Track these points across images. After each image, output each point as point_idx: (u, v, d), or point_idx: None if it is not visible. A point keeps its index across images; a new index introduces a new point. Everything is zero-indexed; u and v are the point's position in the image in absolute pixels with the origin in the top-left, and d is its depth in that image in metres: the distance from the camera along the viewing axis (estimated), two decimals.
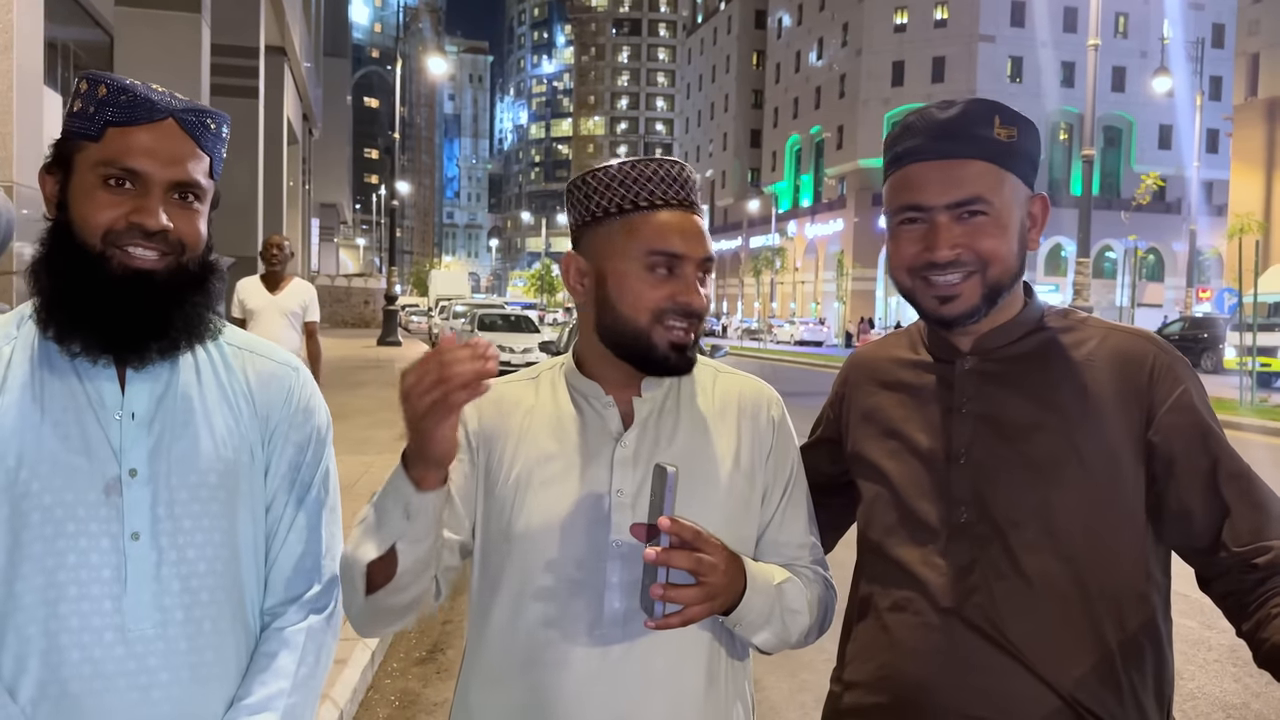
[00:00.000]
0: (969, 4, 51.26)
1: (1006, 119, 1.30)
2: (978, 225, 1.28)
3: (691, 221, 1.32)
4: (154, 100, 1.21)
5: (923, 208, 1.30)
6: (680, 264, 1.29)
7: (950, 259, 1.28)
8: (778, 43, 67.32)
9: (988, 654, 1.25)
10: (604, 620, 1.26)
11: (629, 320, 1.30)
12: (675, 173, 1.33)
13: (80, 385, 1.21)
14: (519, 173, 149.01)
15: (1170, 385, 1.27)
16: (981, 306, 1.30)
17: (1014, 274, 1.32)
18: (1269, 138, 34.87)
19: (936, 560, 1.29)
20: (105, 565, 1.18)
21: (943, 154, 1.29)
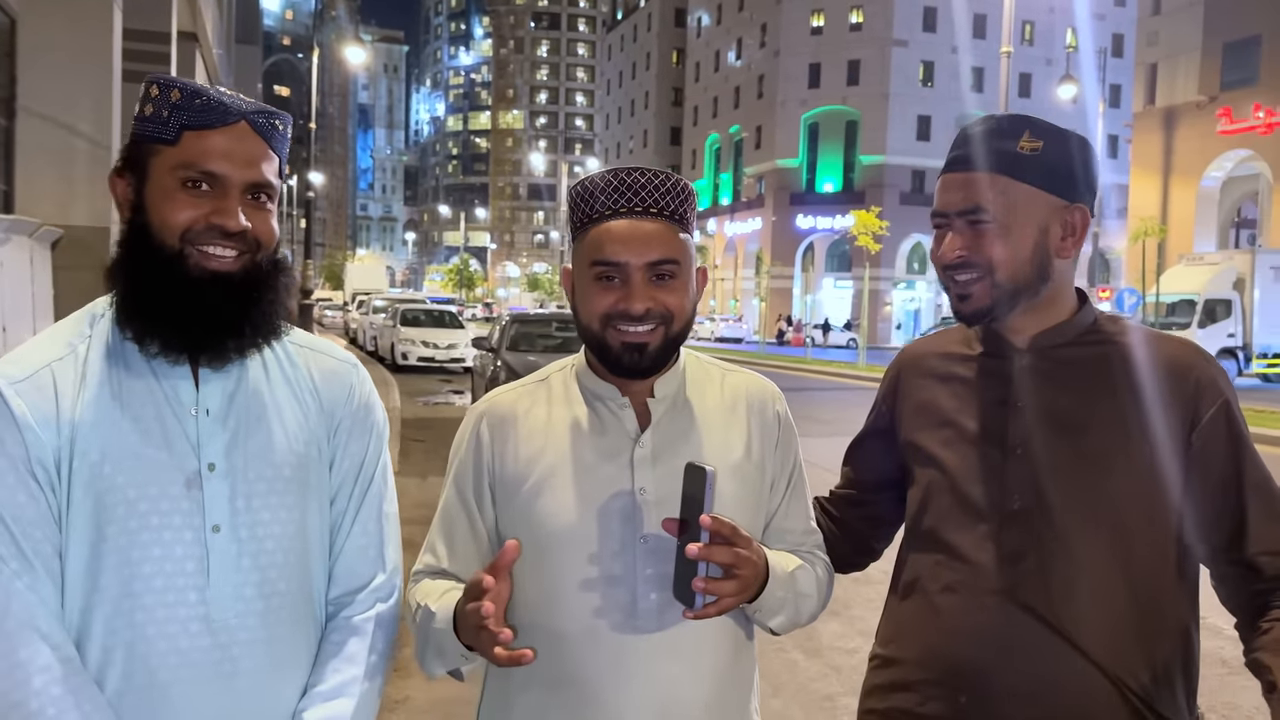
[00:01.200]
0: (883, 9, 52.36)
1: (1036, 132, 1.39)
2: (982, 232, 1.39)
3: (639, 228, 1.35)
4: (227, 104, 1.24)
5: (942, 214, 1.43)
6: (623, 270, 1.35)
7: (955, 261, 1.40)
8: (697, 42, 67.76)
9: (1039, 635, 1.33)
10: (639, 611, 1.34)
11: (587, 327, 1.39)
12: (630, 181, 1.38)
13: (156, 383, 1.24)
14: (436, 165, 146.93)
15: (1213, 396, 1.37)
16: (994, 308, 1.40)
17: (1030, 279, 1.39)
18: (1166, 144, 36.48)
19: (989, 545, 1.37)
20: (189, 557, 1.21)
21: (959, 166, 1.41)
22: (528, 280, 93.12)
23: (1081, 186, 1.41)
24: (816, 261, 55.23)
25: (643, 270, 1.34)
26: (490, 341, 12.49)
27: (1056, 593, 1.33)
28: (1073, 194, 1.40)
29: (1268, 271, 23.31)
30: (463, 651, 1.30)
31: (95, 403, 1.21)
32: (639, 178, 1.38)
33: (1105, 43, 51.98)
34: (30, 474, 1.17)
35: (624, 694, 1.33)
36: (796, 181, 54.66)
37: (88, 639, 1.19)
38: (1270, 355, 23.47)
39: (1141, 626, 1.33)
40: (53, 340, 1.26)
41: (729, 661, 1.41)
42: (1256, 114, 32.28)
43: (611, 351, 1.36)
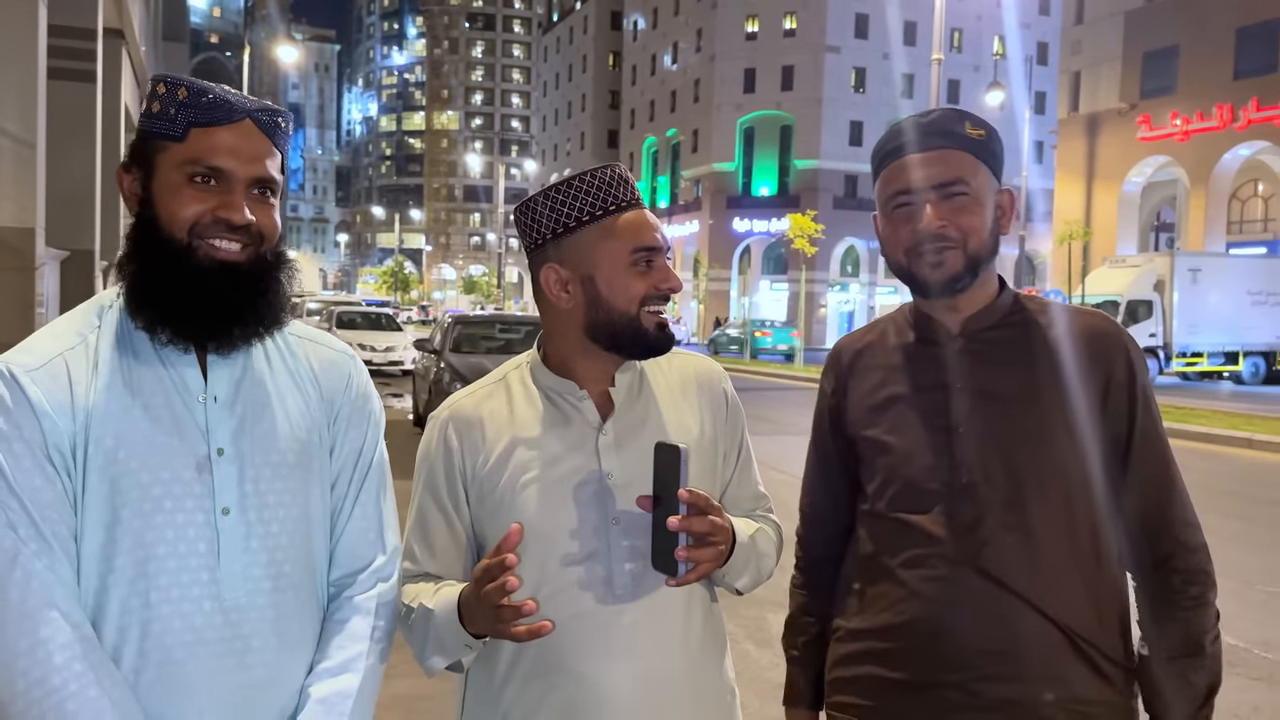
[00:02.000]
0: (816, 15, 53.06)
1: (974, 123, 1.53)
2: (959, 204, 1.49)
3: (652, 218, 1.51)
4: (233, 101, 1.28)
5: (912, 190, 1.51)
6: (656, 255, 1.47)
7: (938, 230, 1.49)
8: (634, 45, 67.92)
9: (998, 597, 1.44)
10: (615, 583, 1.43)
11: (622, 312, 1.45)
12: (628, 177, 1.51)
13: (165, 371, 1.28)
14: (369, 166, 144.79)
15: (1123, 359, 1.51)
16: (965, 275, 1.51)
17: (990, 250, 1.53)
18: (1089, 150, 37.61)
19: (944, 519, 1.48)
20: (200, 539, 1.25)
21: (927, 147, 1.51)
22: (464, 283, 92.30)
23: (1000, 171, 1.57)
24: (753, 264, 55.75)
25: (663, 255, 1.49)
26: (433, 343, 12.35)
27: (1009, 557, 1.44)
28: (1001, 178, 1.57)
29: (1186, 274, 24.14)
30: (468, 641, 1.36)
31: (107, 390, 1.24)
32: (625, 174, 1.51)
33: (1031, 51, 53.43)
34: (47, 459, 1.20)
35: (609, 667, 1.41)
36: (733, 185, 55.11)
37: (103, 619, 1.22)
38: (1189, 354, 24.32)
39: (1085, 580, 1.46)
40: (63, 331, 1.29)
41: (701, 623, 1.52)
42: (1174, 121, 33.50)
43: (647, 336, 1.47)
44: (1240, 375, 25.13)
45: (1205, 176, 32.96)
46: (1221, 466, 11.29)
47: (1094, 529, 1.47)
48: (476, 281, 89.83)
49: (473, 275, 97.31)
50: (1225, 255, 28.65)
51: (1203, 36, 32.75)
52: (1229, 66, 32.11)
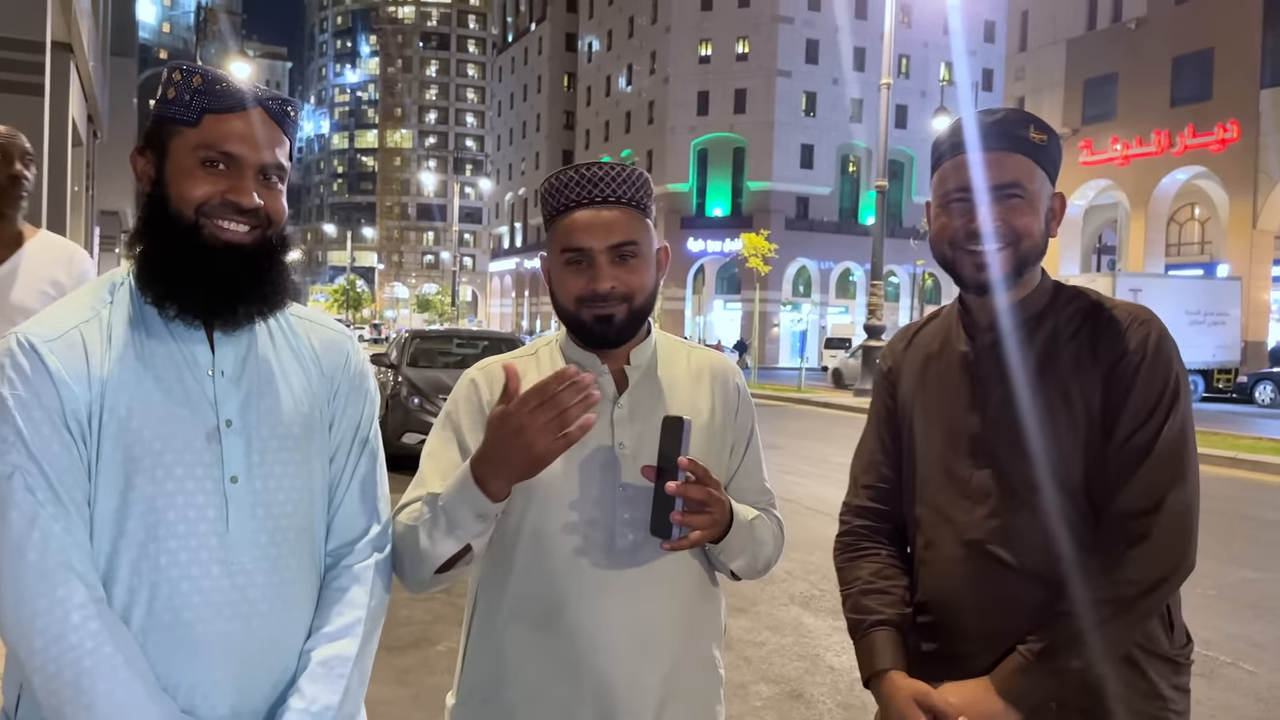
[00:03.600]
0: (768, 40, 53.80)
1: (1039, 127, 1.58)
2: (1014, 206, 1.54)
3: (599, 216, 1.53)
4: (245, 91, 1.34)
5: (971, 189, 1.55)
6: (589, 255, 1.52)
7: (989, 230, 1.54)
8: (588, 66, 68.28)
9: (996, 571, 1.54)
10: (617, 549, 1.51)
11: (564, 308, 1.57)
12: (590, 174, 1.55)
13: (175, 346, 1.33)
14: (320, 183, 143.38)
15: (1137, 344, 1.51)
16: (1011, 275, 1.56)
17: (1039, 251, 1.58)
18: None
19: (963, 502, 1.58)
20: (209, 505, 1.30)
21: (990, 148, 1.56)
22: (418, 301, 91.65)
23: (1056, 175, 1.62)
24: (707, 283, 56.11)
25: (606, 253, 1.51)
26: (390, 358, 12.26)
27: (1013, 537, 1.53)
28: (1055, 182, 1.61)
29: (1127, 294, 24.76)
30: (481, 510, 1.37)
31: (121, 361, 1.29)
32: (598, 171, 1.54)
33: (977, 77, 54.70)
34: (65, 426, 1.24)
35: (605, 624, 1.49)
36: (687, 205, 55.50)
37: (113, 581, 1.26)
38: None
39: (1073, 539, 1.51)
40: (78, 304, 1.34)
41: (697, 600, 1.60)
42: (1114, 146, 34.47)
43: (585, 326, 1.54)
44: None
45: (1145, 200, 33.93)
46: None
47: (1086, 501, 1.51)
48: (430, 300, 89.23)
49: (427, 294, 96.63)
50: (1165, 276, 29.49)
51: (1140, 65, 33.79)
52: (1166, 94, 33.15)
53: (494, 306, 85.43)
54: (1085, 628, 1.43)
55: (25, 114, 11.39)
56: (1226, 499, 10.31)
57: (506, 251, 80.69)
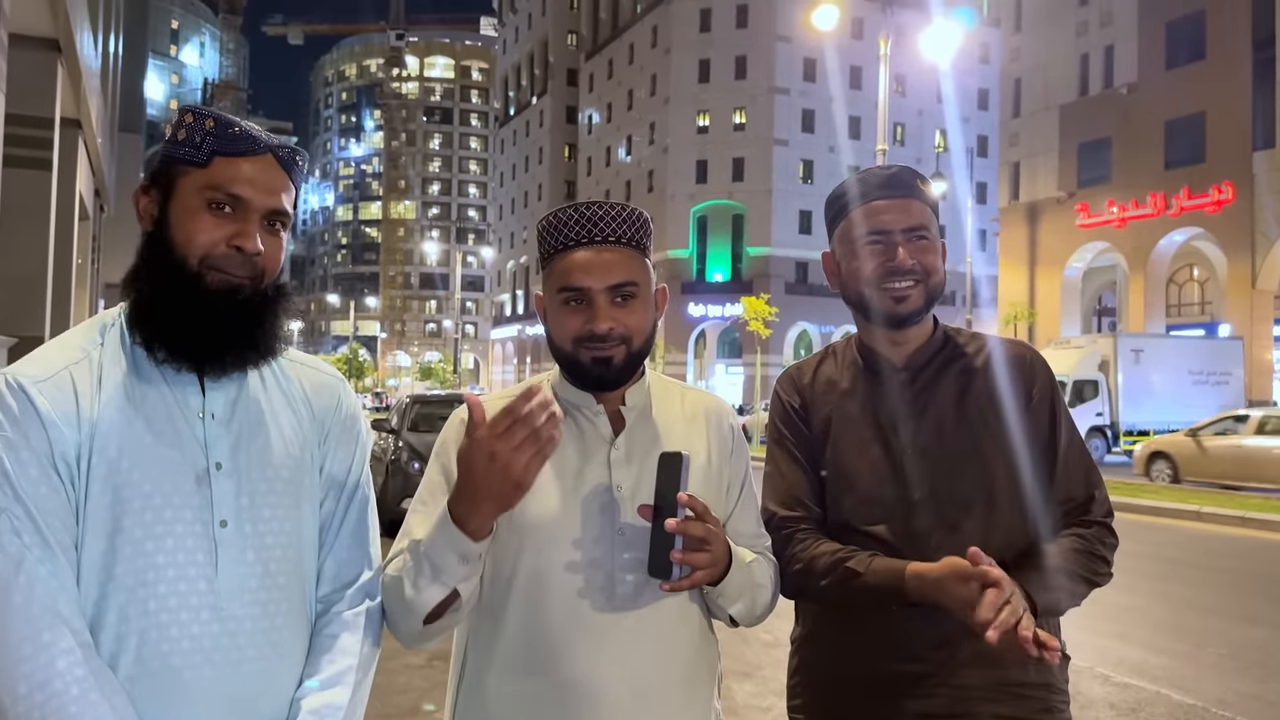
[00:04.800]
0: (764, 111, 54.77)
1: (923, 179, 1.76)
2: (923, 246, 1.71)
3: (599, 256, 1.50)
4: (256, 136, 1.35)
5: (885, 231, 1.70)
6: (587, 295, 1.49)
7: (909, 266, 1.68)
8: (588, 138, 69.41)
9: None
10: (616, 594, 1.47)
11: (560, 348, 1.54)
12: (590, 213, 1.52)
13: (166, 388, 1.32)
14: (325, 255, 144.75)
15: (1043, 380, 1.75)
16: (923, 310, 1.72)
17: (942, 288, 1.75)
18: (1031, 237, 38.87)
19: (901, 530, 1.66)
20: (199, 549, 1.28)
21: (895, 195, 1.72)
22: (420, 369, 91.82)
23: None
24: (708, 348, 56.25)
25: (605, 294, 1.48)
26: (390, 423, 12.19)
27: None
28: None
29: (1129, 354, 24.79)
30: (464, 550, 1.32)
31: (111, 403, 1.28)
32: (598, 210, 1.52)
33: (971, 143, 55.52)
34: (53, 467, 1.23)
35: (603, 676, 1.44)
36: (687, 271, 55.92)
37: (101, 627, 1.24)
38: (1135, 433, 24.81)
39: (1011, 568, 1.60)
40: (68, 345, 1.33)
41: (696, 646, 1.55)
42: (1111, 209, 34.82)
43: (582, 367, 1.50)
44: None
45: (1143, 262, 34.15)
46: (1172, 538, 11.48)
47: (1020, 523, 1.65)
48: (432, 368, 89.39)
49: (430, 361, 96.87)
50: (1166, 336, 29.51)
51: (1133, 129, 34.32)
52: (1160, 157, 33.60)
53: (496, 373, 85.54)
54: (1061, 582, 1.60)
55: (33, 188, 11.55)
56: (1236, 557, 10.20)
57: (508, 319, 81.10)
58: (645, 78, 60.25)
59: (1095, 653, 6.11)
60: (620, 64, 63.88)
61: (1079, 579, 1.62)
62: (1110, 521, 1.71)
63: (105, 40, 18.24)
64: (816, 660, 1.76)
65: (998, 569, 1.47)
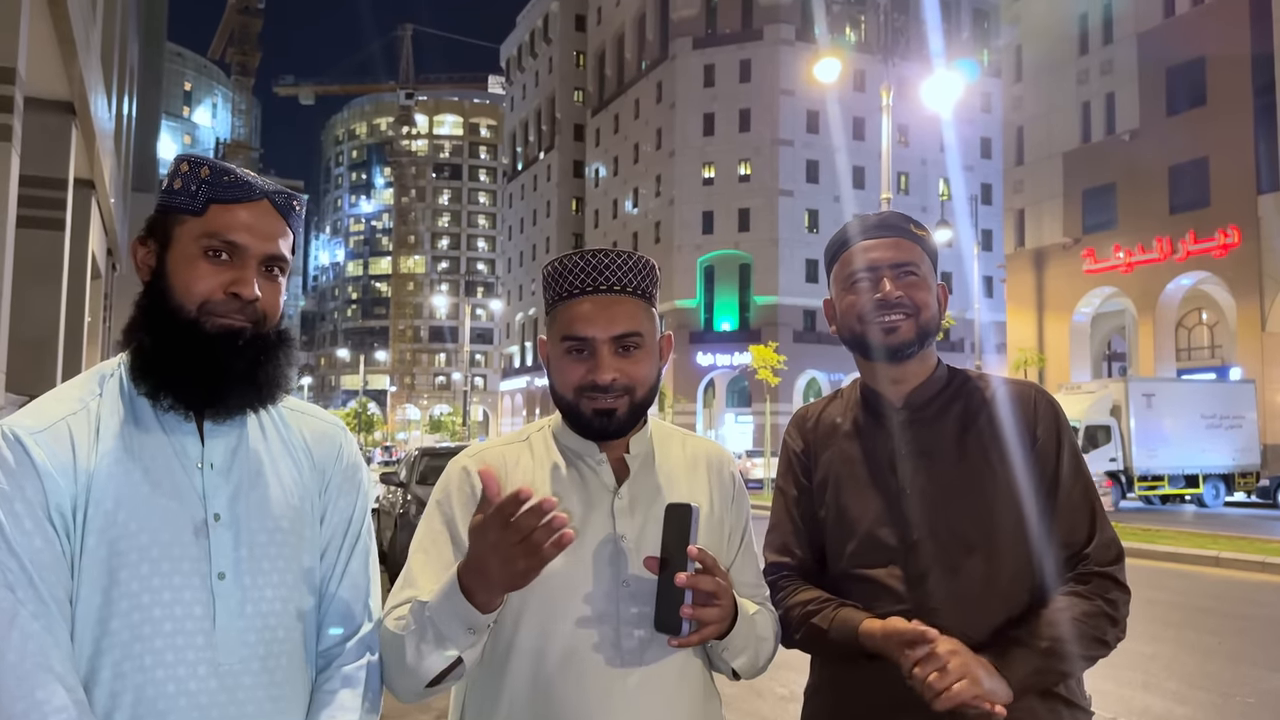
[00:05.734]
0: (769, 162, 55.29)
1: (917, 224, 1.79)
2: (913, 282, 1.72)
3: (604, 306, 1.48)
4: (252, 182, 1.34)
5: (874, 268, 1.72)
6: (591, 345, 1.46)
7: (896, 299, 1.69)
8: (595, 191, 70.08)
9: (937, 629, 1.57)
10: (622, 649, 1.43)
11: (562, 396, 1.51)
12: (596, 262, 1.50)
13: (165, 438, 1.30)
14: (335, 310, 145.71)
15: (1048, 418, 1.71)
16: (915, 343, 1.71)
17: (936, 325, 1.74)
18: (1038, 283, 38.89)
19: (899, 571, 1.64)
20: (196, 602, 1.25)
21: (884, 235, 1.75)
22: (430, 422, 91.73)
23: (936, 267, 1.80)
24: (717, 397, 56.17)
25: (609, 343, 1.46)
26: (399, 476, 12.14)
27: (947, 602, 1.60)
28: (938, 274, 1.80)
29: (1140, 398, 24.64)
30: (471, 622, 1.29)
31: (109, 454, 1.26)
32: (604, 259, 1.50)
33: (975, 191, 55.80)
34: (48, 520, 1.21)
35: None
36: (695, 321, 56.05)
37: (96, 683, 1.21)
38: (1149, 478, 24.58)
39: (1010, 612, 1.61)
40: (66, 396, 1.32)
41: (699, 702, 1.51)
42: (1117, 254, 34.87)
43: (584, 418, 1.48)
44: (1202, 499, 25.35)
45: (1151, 306, 34.09)
46: (1191, 584, 11.29)
47: (1024, 564, 1.63)
48: (442, 421, 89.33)
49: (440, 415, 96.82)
50: (1177, 380, 29.31)
51: (1137, 175, 34.48)
52: (1164, 202, 33.71)
53: (505, 425, 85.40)
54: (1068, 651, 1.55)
55: (46, 248, 11.67)
56: (1260, 604, 10.02)
57: (517, 370, 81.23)
58: (650, 132, 60.97)
59: (1119, 702, 5.97)
60: (626, 119, 64.71)
61: (1080, 644, 1.57)
62: (1116, 571, 1.64)
63: (119, 102, 18.55)
64: (825, 711, 1.74)
65: (934, 632, 1.47)
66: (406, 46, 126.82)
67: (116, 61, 16.03)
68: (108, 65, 14.67)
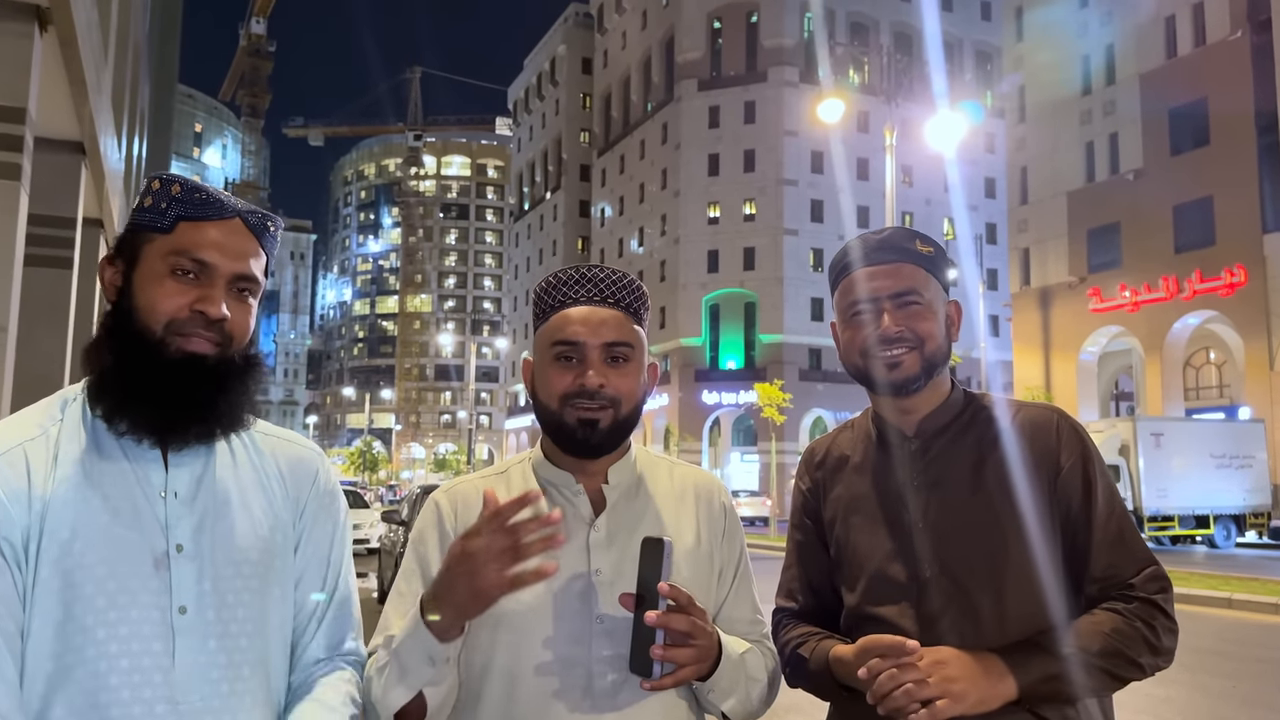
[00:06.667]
0: (774, 202, 55.63)
1: (924, 240, 1.66)
2: (914, 311, 1.60)
3: (596, 312, 1.46)
4: (223, 200, 1.30)
5: (873, 299, 1.61)
6: (581, 350, 1.43)
7: (896, 334, 1.58)
8: (601, 230, 70.50)
9: None
10: (595, 692, 1.36)
11: (546, 407, 1.46)
12: (590, 274, 1.49)
13: (128, 465, 1.25)
14: (341, 348, 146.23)
15: (1072, 447, 1.59)
16: (921, 376, 1.60)
17: (944, 355, 1.63)
18: (1044, 321, 38.88)
19: (911, 611, 1.53)
20: (155, 637, 1.19)
21: (882, 261, 1.62)
22: (435, 461, 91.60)
23: (947, 284, 1.69)
24: (723, 435, 56.01)
25: (599, 350, 1.43)
26: (401, 515, 12.09)
27: (967, 645, 1.47)
28: (948, 290, 1.68)
29: (1149, 438, 24.45)
30: (431, 651, 1.26)
31: (67, 481, 1.21)
32: (598, 272, 1.49)
33: (980, 230, 56.01)
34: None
35: None
36: (700, 359, 56.07)
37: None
38: (1160, 518, 24.34)
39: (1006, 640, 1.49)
40: (24, 422, 1.26)
41: None
42: (1123, 293, 34.88)
43: (567, 428, 1.43)
44: (1213, 539, 25.10)
45: (1158, 345, 34.02)
46: (1204, 626, 11.13)
47: (1046, 604, 1.51)
48: (448, 460, 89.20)
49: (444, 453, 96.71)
50: (1186, 419, 29.17)
51: (1142, 214, 34.58)
52: (1170, 241, 33.77)
53: None
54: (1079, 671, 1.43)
55: (54, 287, 11.73)
56: (1273, 647, 9.87)
57: (522, 409, 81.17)
58: (656, 172, 61.43)
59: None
60: (632, 159, 65.24)
61: (1108, 659, 1.45)
62: (1162, 600, 1.51)
63: (129, 143, 18.75)
64: None
65: (914, 643, 1.38)
66: (415, 89, 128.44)
67: (127, 103, 16.23)
68: (118, 107, 14.84)
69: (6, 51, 7.89)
